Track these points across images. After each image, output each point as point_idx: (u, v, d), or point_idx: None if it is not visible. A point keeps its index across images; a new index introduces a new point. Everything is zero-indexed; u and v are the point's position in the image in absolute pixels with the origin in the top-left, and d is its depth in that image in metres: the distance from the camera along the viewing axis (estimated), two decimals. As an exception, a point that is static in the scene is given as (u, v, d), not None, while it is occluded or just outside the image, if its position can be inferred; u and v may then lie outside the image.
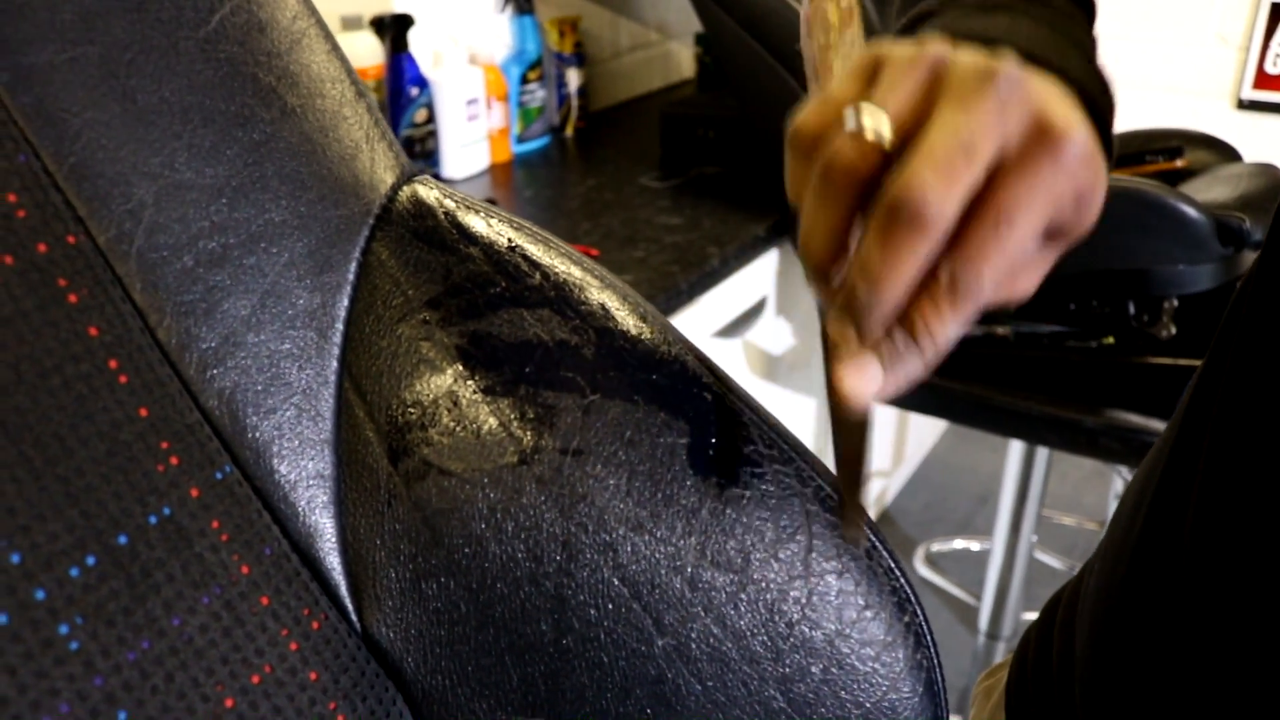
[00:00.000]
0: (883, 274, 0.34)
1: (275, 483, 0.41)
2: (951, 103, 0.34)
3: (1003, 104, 0.33)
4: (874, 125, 0.35)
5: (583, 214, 1.47)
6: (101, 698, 0.34)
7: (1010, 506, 1.69)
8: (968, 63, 0.35)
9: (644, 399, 0.41)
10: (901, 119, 0.35)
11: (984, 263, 0.34)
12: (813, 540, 0.41)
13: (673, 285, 1.27)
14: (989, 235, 0.34)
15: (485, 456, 0.41)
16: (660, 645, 0.40)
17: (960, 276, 0.34)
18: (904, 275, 0.34)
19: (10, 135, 0.38)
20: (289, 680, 0.38)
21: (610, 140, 1.83)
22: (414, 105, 1.49)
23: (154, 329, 0.39)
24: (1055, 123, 0.34)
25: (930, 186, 0.32)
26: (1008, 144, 0.34)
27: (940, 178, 0.33)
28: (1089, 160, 0.35)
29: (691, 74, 2.22)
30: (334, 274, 0.42)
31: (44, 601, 0.33)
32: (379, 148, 0.44)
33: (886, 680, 0.41)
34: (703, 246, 1.36)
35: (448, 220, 0.43)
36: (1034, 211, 0.34)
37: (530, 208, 1.51)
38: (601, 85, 1.99)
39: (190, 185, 0.40)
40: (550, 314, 0.41)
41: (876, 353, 0.36)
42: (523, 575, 0.40)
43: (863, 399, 0.37)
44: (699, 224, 1.44)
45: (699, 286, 1.32)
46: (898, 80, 0.35)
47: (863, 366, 0.36)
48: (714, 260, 1.33)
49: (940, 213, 0.33)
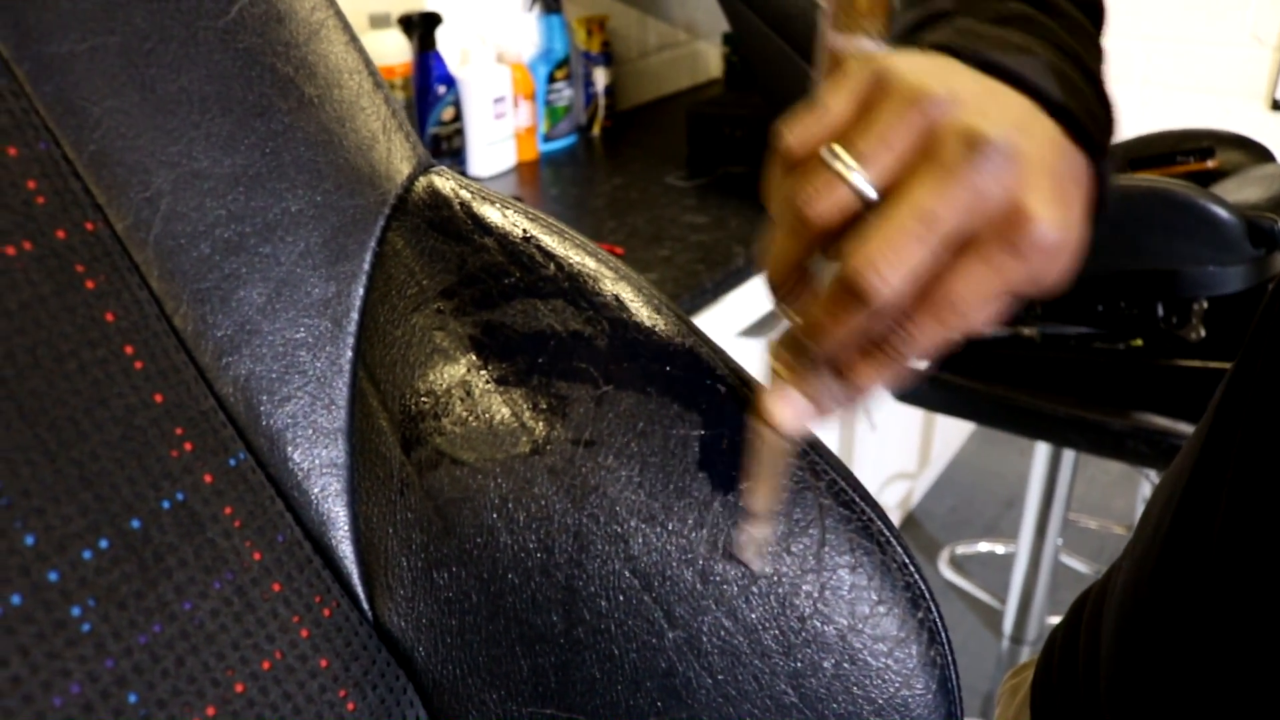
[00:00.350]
0: (825, 331, 0.36)
1: (289, 470, 0.41)
2: (933, 174, 0.34)
3: (983, 184, 0.34)
4: (855, 182, 0.36)
5: (608, 212, 1.47)
6: (112, 680, 0.34)
7: (1036, 509, 1.68)
8: (964, 126, 0.35)
9: (657, 390, 0.41)
10: (883, 176, 0.36)
11: (924, 339, 0.35)
12: (826, 534, 0.41)
13: (697, 284, 1.26)
14: (935, 317, 0.35)
15: (498, 446, 0.41)
16: (671, 638, 0.40)
17: (898, 345, 0.36)
18: (843, 336, 0.36)
19: (31, 123, 0.38)
20: (299, 667, 0.38)
21: (637, 139, 1.83)
22: (441, 103, 1.50)
23: (170, 316, 0.40)
24: (1030, 216, 0.34)
25: (883, 270, 0.34)
26: (978, 224, 0.34)
27: (894, 263, 0.34)
28: (1057, 252, 0.35)
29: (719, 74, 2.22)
30: (349, 263, 0.43)
31: (57, 583, 0.34)
32: (396, 138, 0.44)
33: (899, 677, 0.41)
34: (728, 245, 1.36)
35: (463, 211, 0.43)
36: (986, 301, 0.35)
37: (556, 206, 1.52)
38: (629, 84, 1.99)
39: (208, 174, 0.40)
40: (564, 305, 0.41)
41: (808, 386, 0.39)
42: (534, 566, 0.40)
43: (785, 427, 0.39)
44: (725, 223, 1.43)
45: (724, 285, 1.32)
46: (892, 127, 0.36)
47: (791, 398, 0.39)
48: (739, 259, 1.32)
49: (887, 295, 0.34)
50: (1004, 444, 2.57)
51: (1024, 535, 1.72)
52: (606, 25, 1.81)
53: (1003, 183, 0.34)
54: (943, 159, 0.34)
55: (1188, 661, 0.50)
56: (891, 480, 2.14)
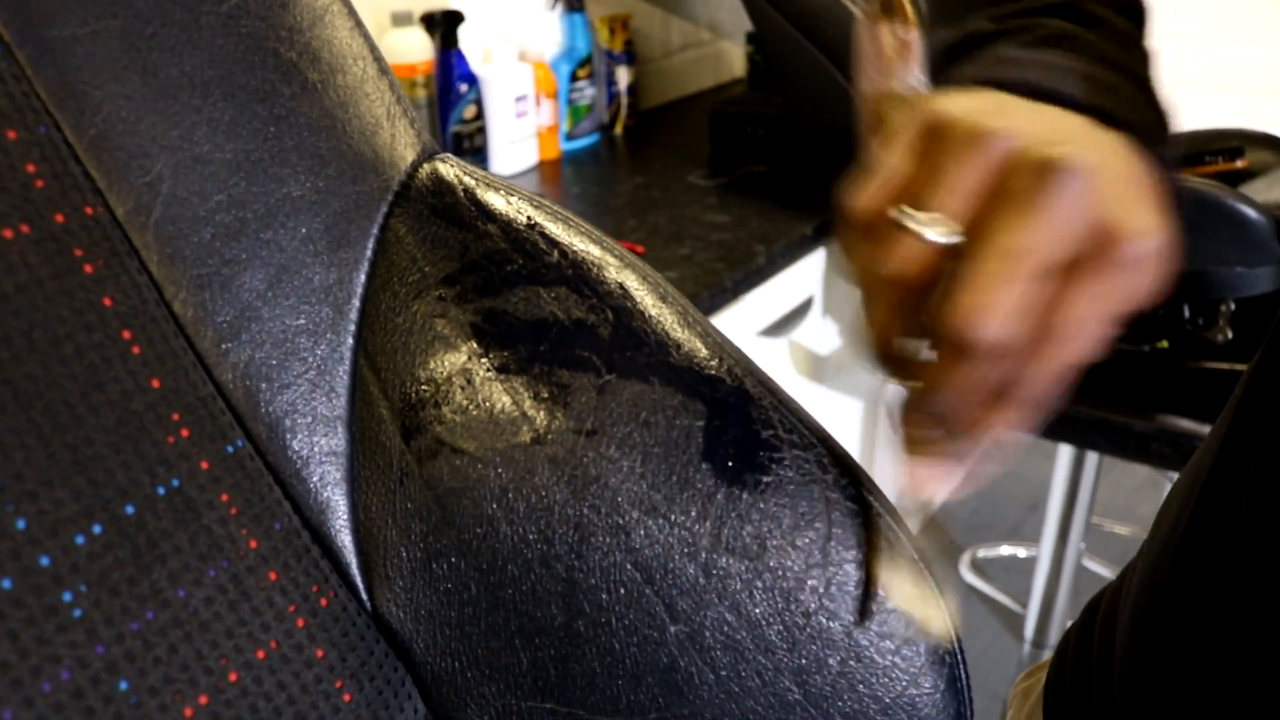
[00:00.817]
0: (945, 390, 0.35)
1: (287, 458, 0.40)
2: (1011, 210, 0.33)
3: (1064, 209, 0.33)
4: (933, 236, 0.35)
5: (629, 211, 1.47)
6: (103, 666, 0.33)
7: (1058, 512, 1.66)
8: (1030, 155, 0.34)
9: (660, 380, 0.40)
10: (960, 223, 0.35)
11: (1045, 374, 0.35)
12: (832, 528, 0.40)
13: (718, 283, 1.25)
14: (1051, 350, 0.34)
15: (498, 435, 0.40)
16: (673, 632, 0.39)
17: (1024, 388, 0.35)
18: (965, 391, 0.35)
19: (32, 107, 0.38)
20: (294, 656, 0.38)
21: (659, 138, 1.83)
22: (463, 101, 1.50)
23: (170, 301, 0.39)
24: (1121, 228, 0.33)
25: (983, 317, 0.33)
26: (1071, 249, 0.33)
27: (992, 308, 0.33)
28: (1155, 257, 0.34)
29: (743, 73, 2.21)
30: (351, 250, 0.42)
31: (48, 568, 0.33)
32: (400, 125, 0.44)
33: (906, 675, 0.40)
34: (749, 245, 1.35)
35: (466, 197, 0.43)
36: (1099, 322, 0.34)
37: (577, 204, 1.51)
38: (652, 84, 1.99)
39: (209, 159, 0.40)
40: (567, 292, 0.41)
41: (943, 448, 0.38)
42: (534, 557, 0.39)
43: (933, 495, 0.39)
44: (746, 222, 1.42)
45: (744, 285, 1.31)
46: (957, 173, 0.35)
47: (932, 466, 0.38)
48: (760, 258, 1.31)
49: (994, 341, 0.33)
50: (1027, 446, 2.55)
51: (1046, 539, 1.70)
52: (629, 24, 1.81)
53: (1084, 202, 0.33)
54: (1017, 193, 0.33)
55: (1203, 661, 0.49)
56: (914, 483, 2.12)
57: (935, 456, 0.38)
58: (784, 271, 1.39)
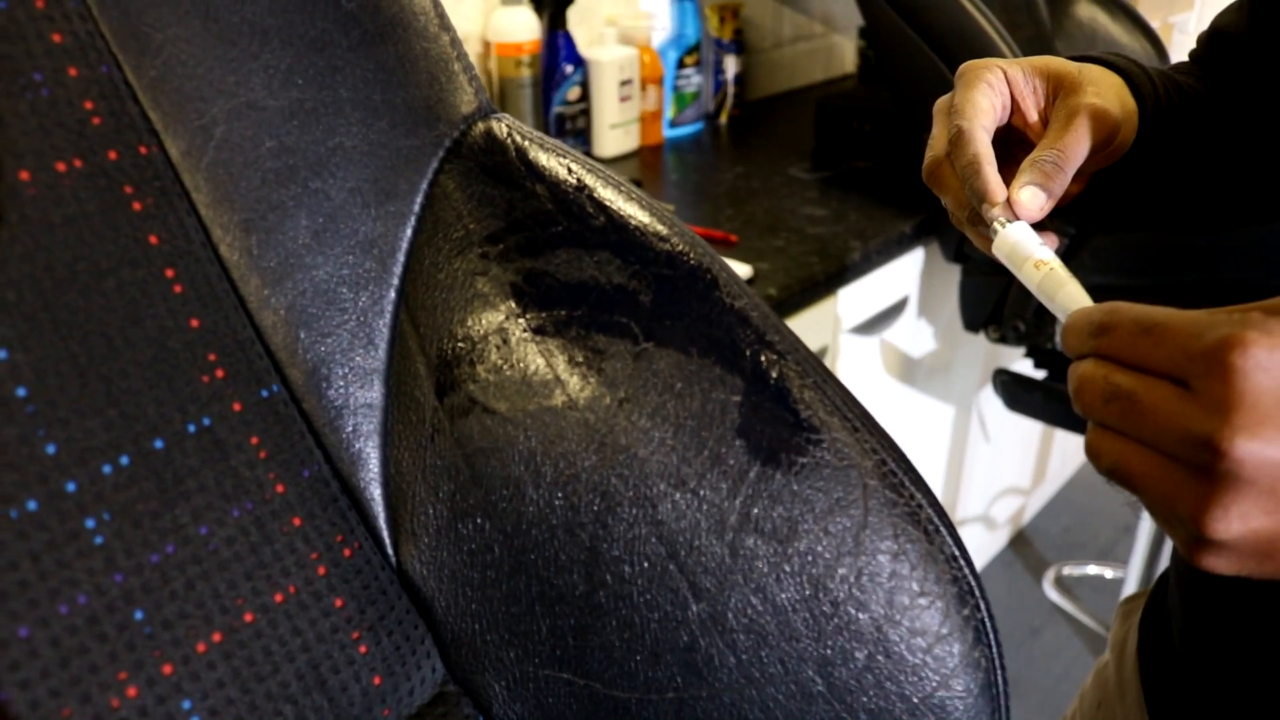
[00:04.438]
0: None
1: (322, 407, 0.41)
2: None
3: None
4: None
5: (727, 200, 1.45)
6: (120, 594, 0.34)
7: (1149, 533, 1.59)
8: None
9: (699, 351, 0.39)
10: None
11: None
12: (868, 516, 0.38)
13: (810, 276, 1.23)
14: None
15: (530, 397, 0.39)
16: (695, 611, 0.38)
17: None
18: None
19: (95, 46, 0.39)
20: (312, 604, 0.38)
21: (764, 130, 1.80)
22: (568, 83, 1.50)
23: (216, 244, 0.40)
24: None
25: None
26: None
27: None
28: None
29: (853, 69, 2.17)
30: (399, 203, 0.42)
31: (74, 494, 0.34)
32: (458, 81, 0.44)
33: (937, 675, 0.38)
34: (845, 240, 1.32)
35: (518, 157, 0.42)
36: None
37: (675, 191, 1.50)
38: (760, 74, 1.96)
39: (263, 105, 0.40)
40: (610, 257, 0.40)
41: None
42: (558, 523, 0.39)
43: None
44: (844, 217, 1.40)
45: (837, 280, 1.28)
46: None
47: None
48: (855, 254, 1.29)
49: None
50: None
51: (1135, 560, 1.63)
52: (740, 13, 1.79)
53: None
54: None
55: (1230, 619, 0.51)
56: (1004, 494, 2.06)
57: None
58: (880, 269, 1.36)
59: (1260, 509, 0.34)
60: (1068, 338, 0.39)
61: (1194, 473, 0.34)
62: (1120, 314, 0.37)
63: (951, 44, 1.32)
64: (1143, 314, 0.37)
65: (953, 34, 1.32)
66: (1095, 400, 0.37)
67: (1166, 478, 0.35)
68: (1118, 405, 0.36)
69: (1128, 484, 0.37)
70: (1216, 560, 0.35)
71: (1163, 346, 0.36)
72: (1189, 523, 0.35)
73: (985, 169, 0.49)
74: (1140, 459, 0.36)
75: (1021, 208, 0.48)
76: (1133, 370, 0.37)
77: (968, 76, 0.53)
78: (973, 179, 0.49)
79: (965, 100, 0.52)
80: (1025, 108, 0.53)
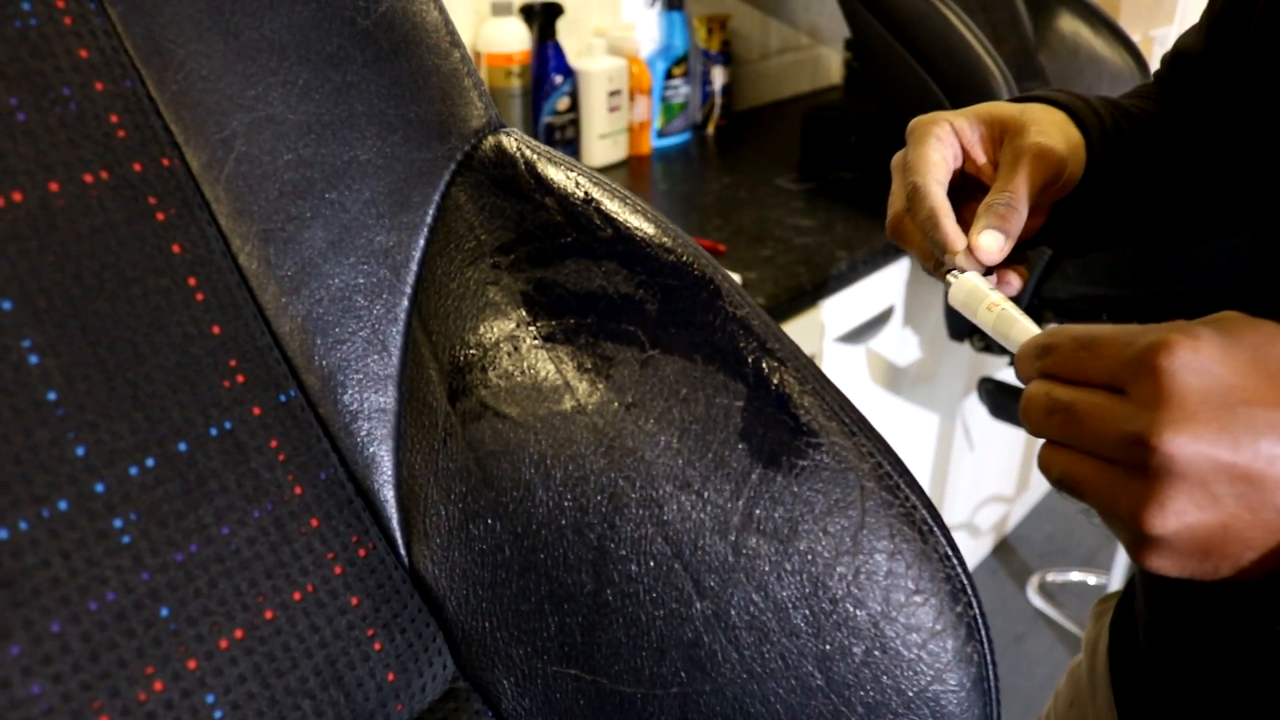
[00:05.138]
0: None
1: (338, 411, 0.42)
2: None
3: None
4: None
5: (715, 210, 1.47)
6: (146, 591, 0.35)
7: (1135, 542, 1.61)
8: None
9: (703, 358, 0.40)
10: None
11: None
12: (865, 517, 0.40)
13: (796, 285, 1.25)
14: None
15: (540, 402, 0.41)
16: (699, 608, 0.40)
17: None
18: None
19: (120, 62, 0.40)
20: (329, 602, 0.39)
21: (751, 140, 1.82)
22: (557, 93, 1.52)
23: (236, 253, 0.41)
24: None
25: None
26: None
27: None
28: None
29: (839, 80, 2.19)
30: (412, 214, 0.43)
31: (102, 494, 0.35)
32: (468, 96, 0.45)
33: (931, 670, 0.40)
34: (831, 250, 1.34)
35: (527, 170, 0.43)
36: None
37: (663, 201, 1.52)
38: (747, 85, 1.98)
39: (281, 119, 0.42)
40: (617, 267, 0.41)
41: None
42: (567, 524, 0.40)
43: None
44: (831, 227, 1.42)
45: (824, 289, 1.30)
46: None
47: None
48: (842, 264, 1.30)
49: None
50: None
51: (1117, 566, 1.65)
52: (728, 25, 1.81)
53: None
54: None
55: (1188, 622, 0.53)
56: (988, 502, 2.08)
57: None
58: (865, 279, 1.38)
59: (1194, 504, 0.36)
60: (1018, 366, 0.42)
61: (1131, 472, 0.36)
62: (1060, 334, 0.40)
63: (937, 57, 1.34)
64: (1081, 331, 0.40)
65: (938, 47, 1.34)
66: (1039, 416, 0.40)
67: (1108, 481, 0.38)
68: (1059, 417, 0.39)
69: (1075, 492, 0.39)
70: (1159, 560, 0.37)
71: (1099, 358, 0.38)
72: (1130, 521, 0.37)
73: (943, 221, 0.51)
74: (1083, 466, 0.38)
75: (982, 251, 0.50)
76: (1073, 384, 0.39)
77: (917, 133, 0.55)
78: (932, 231, 0.52)
79: (917, 157, 0.54)
80: (975, 155, 0.55)
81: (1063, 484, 0.39)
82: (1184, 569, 0.37)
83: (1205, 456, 0.35)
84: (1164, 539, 0.36)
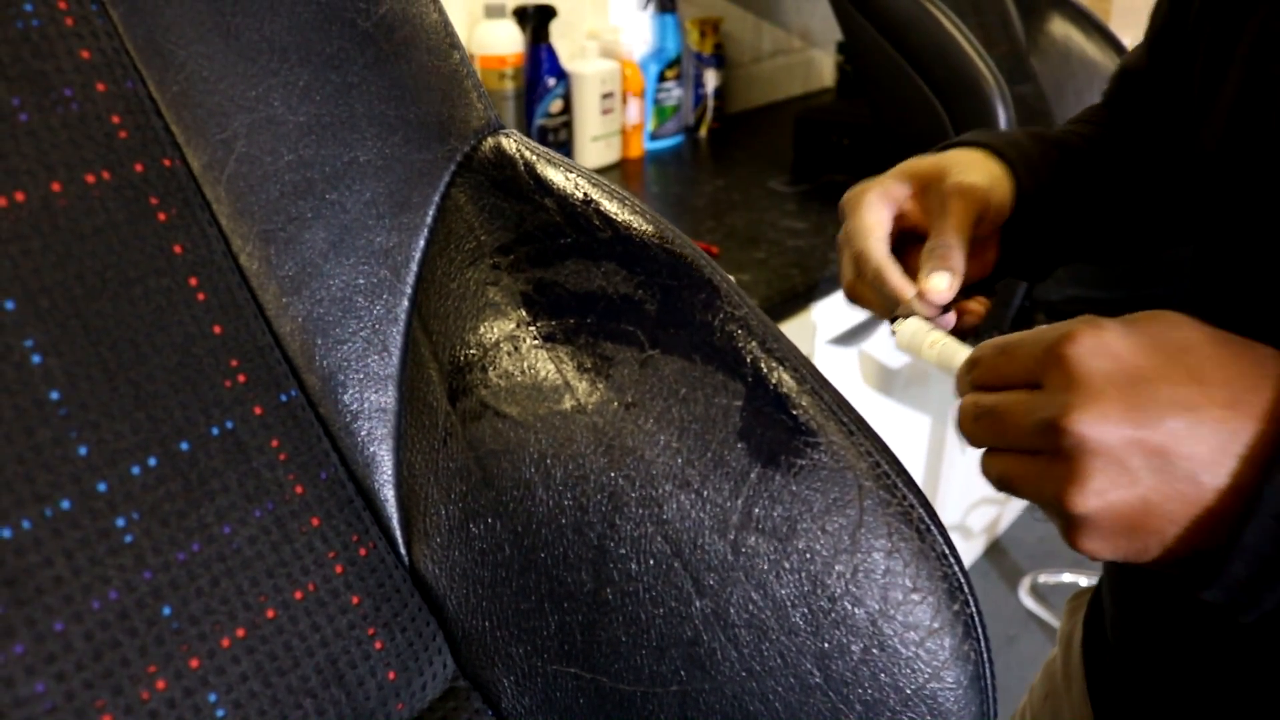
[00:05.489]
0: None
1: (338, 411, 0.42)
2: None
3: None
4: None
5: (708, 212, 1.47)
6: (149, 590, 0.35)
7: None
8: None
9: (702, 358, 0.41)
10: None
11: None
12: (863, 515, 0.40)
13: (789, 287, 1.25)
14: None
15: (540, 401, 0.41)
16: (699, 607, 0.40)
17: None
18: None
19: (121, 63, 0.40)
20: (330, 601, 0.39)
21: (744, 143, 1.83)
22: (550, 95, 1.52)
23: (237, 254, 0.41)
24: None
25: None
26: None
27: None
28: None
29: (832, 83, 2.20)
30: (412, 215, 0.44)
31: (105, 494, 0.35)
32: (469, 97, 0.45)
33: (929, 667, 0.40)
34: (824, 252, 1.34)
35: (526, 171, 0.44)
36: None
37: (656, 203, 1.52)
38: (740, 88, 1.99)
39: (282, 120, 0.42)
40: (616, 268, 0.42)
41: None
42: (567, 523, 0.40)
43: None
44: (823, 230, 1.42)
45: (816, 292, 1.30)
46: None
47: None
48: (834, 266, 1.31)
49: None
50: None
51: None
52: (720, 28, 1.81)
53: None
54: None
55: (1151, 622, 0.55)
56: (980, 504, 2.09)
57: None
58: (858, 280, 1.38)
59: (1112, 481, 0.37)
60: (956, 386, 0.45)
61: (1051, 458, 0.38)
62: (984, 347, 0.43)
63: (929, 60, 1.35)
64: (1001, 340, 0.42)
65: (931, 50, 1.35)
66: (968, 424, 0.42)
67: (1033, 471, 0.39)
68: (984, 421, 0.41)
69: (1011, 489, 0.41)
70: (1090, 541, 0.39)
71: (1015, 360, 0.41)
72: (1056, 504, 0.38)
73: (889, 276, 0.56)
74: (1012, 463, 0.41)
75: (933, 293, 0.54)
76: (996, 390, 0.41)
77: (850, 205, 0.59)
78: (882, 287, 0.56)
79: (854, 226, 0.58)
80: (908, 210, 0.59)
81: (1001, 484, 0.41)
82: (1115, 549, 0.39)
83: (1116, 433, 0.36)
84: (1088, 518, 0.38)
